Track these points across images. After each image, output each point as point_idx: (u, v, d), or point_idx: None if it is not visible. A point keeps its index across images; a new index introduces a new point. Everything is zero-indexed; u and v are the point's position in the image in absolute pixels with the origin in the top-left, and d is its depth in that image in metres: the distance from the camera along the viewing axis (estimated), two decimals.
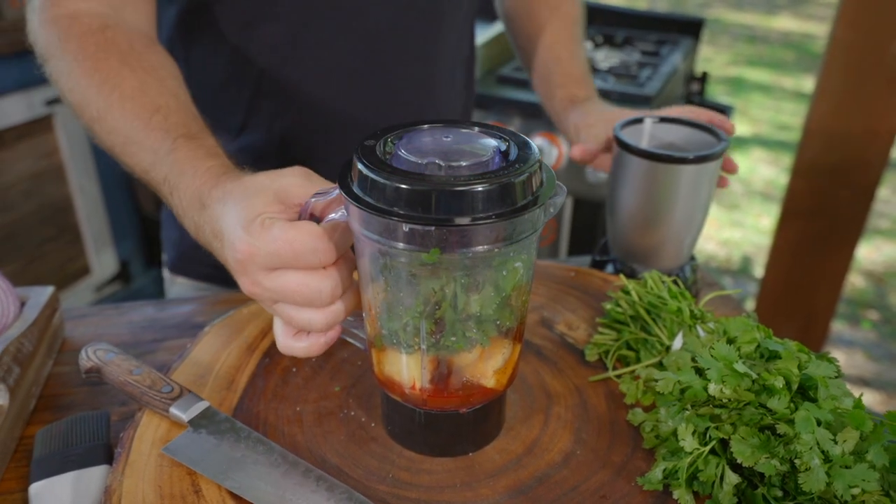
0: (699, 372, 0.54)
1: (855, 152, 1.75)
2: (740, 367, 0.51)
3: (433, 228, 0.42)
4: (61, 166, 2.10)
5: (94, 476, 0.53)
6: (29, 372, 0.63)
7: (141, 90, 0.63)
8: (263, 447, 0.53)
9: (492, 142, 0.48)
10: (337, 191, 0.47)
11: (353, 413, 0.59)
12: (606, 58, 2.00)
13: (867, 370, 2.42)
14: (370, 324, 0.51)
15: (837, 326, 2.63)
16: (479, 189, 0.42)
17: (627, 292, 0.67)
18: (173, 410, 0.55)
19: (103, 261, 2.31)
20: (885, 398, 2.29)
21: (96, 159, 2.18)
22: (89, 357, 0.59)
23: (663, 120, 0.76)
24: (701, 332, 0.60)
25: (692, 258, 0.80)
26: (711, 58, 5.75)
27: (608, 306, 0.68)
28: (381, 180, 0.43)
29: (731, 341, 0.56)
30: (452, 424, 0.54)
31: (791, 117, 4.61)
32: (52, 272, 2.15)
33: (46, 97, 1.97)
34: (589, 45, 2.12)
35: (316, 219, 0.50)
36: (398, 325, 0.48)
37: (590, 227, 1.76)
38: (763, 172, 3.87)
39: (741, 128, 4.42)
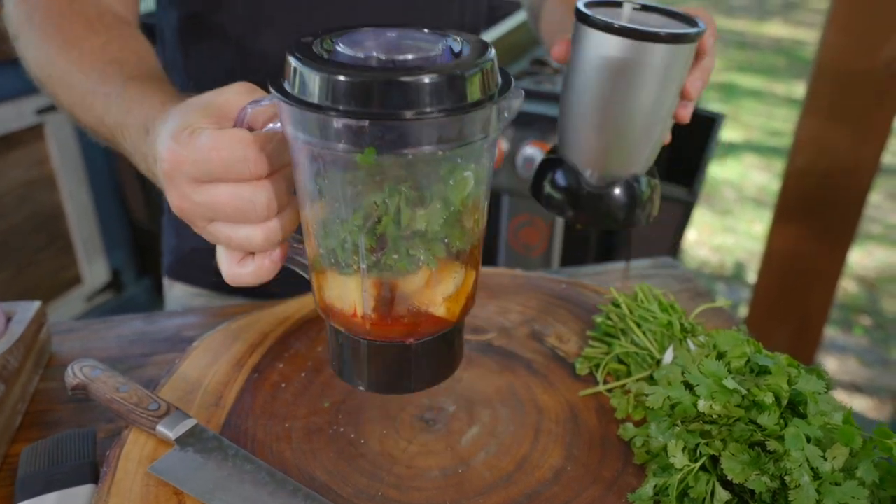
0: (689, 387, 0.54)
1: (846, 157, 1.76)
2: (730, 383, 0.51)
3: (367, 123, 0.38)
4: (52, 175, 2.09)
5: (80, 496, 0.52)
6: (15, 388, 0.62)
7: (102, 49, 0.62)
8: (251, 466, 0.52)
9: (443, 39, 0.45)
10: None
11: (342, 429, 0.58)
12: None
13: (860, 376, 2.43)
14: (308, 245, 0.48)
15: (830, 332, 2.64)
16: (423, 81, 0.38)
17: (618, 305, 0.67)
18: (160, 428, 0.54)
19: (95, 270, 2.30)
20: (878, 404, 2.30)
21: (88, 168, 2.17)
22: (75, 374, 0.59)
23: (644, 8, 0.66)
24: (691, 346, 0.60)
25: (651, 173, 0.70)
26: None
27: (598, 319, 0.68)
28: (313, 72, 0.39)
29: (720, 356, 0.56)
30: (398, 357, 0.50)
31: (783, 123, 4.63)
32: (43, 281, 2.13)
33: (37, 106, 1.96)
34: None
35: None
36: (335, 242, 0.45)
37: (583, 238, 1.76)
38: (755, 178, 3.89)
39: (733, 134, 4.43)
